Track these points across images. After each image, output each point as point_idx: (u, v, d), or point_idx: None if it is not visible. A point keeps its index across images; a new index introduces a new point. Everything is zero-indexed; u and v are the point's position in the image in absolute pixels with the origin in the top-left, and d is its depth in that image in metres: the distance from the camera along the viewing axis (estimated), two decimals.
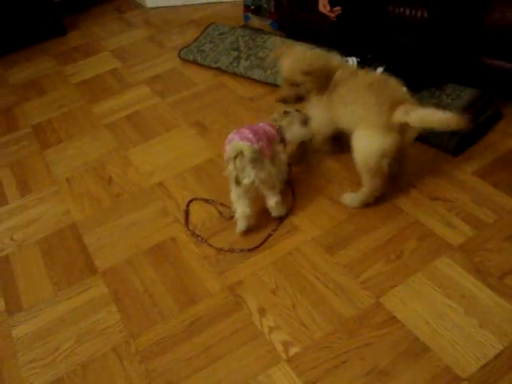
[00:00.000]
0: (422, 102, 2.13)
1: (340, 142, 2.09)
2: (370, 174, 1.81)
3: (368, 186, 1.86)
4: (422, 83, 2.31)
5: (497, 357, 1.41)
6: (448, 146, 2.12)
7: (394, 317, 1.55)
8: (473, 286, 1.60)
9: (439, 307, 1.55)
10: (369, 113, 1.75)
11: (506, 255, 1.68)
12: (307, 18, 2.93)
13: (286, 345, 1.53)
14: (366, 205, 1.91)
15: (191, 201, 2.07)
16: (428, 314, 1.54)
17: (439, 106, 2.20)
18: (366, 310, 1.58)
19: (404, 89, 1.84)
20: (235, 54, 2.93)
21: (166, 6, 3.96)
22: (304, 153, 2.17)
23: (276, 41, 2.92)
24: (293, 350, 1.52)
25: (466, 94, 2.26)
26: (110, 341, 1.64)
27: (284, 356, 1.50)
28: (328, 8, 2.52)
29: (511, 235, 1.75)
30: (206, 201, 2.05)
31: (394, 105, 1.71)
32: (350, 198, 1.93)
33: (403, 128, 1.73)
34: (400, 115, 1.69)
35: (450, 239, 1.76)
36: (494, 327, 1.48)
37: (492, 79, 2.31)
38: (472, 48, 2.27)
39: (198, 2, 3.89)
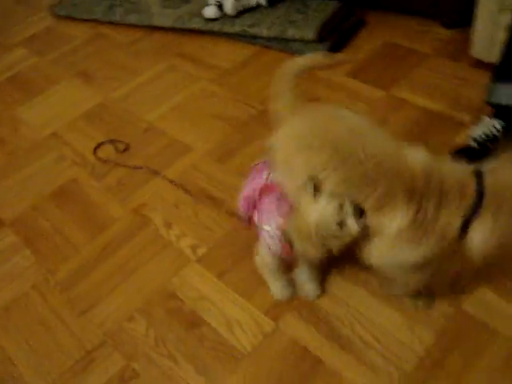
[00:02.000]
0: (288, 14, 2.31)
1: None
2: None
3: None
4: None
5: None
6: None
7: None
8: None
9: None
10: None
11: None
12: None
13: (194, 247, 1.67)
14: None
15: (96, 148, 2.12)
16: None
17: (306, 18, 2.36)
18: None
19: None
20: (108, 2, 2.93)
21: None
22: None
23: None
24: (200, 251, 1.65)
25: (329, 6, 2.43)
26: (28, 281, 1.70)
27: (193, 257, 1.64)
28: None
29: (382, 119, 1.96)
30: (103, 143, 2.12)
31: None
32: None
33: None
34: None
35: None
36: None
37: None
38: None
39: None
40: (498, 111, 1.70)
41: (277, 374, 1.34)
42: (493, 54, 1.85)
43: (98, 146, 2.10)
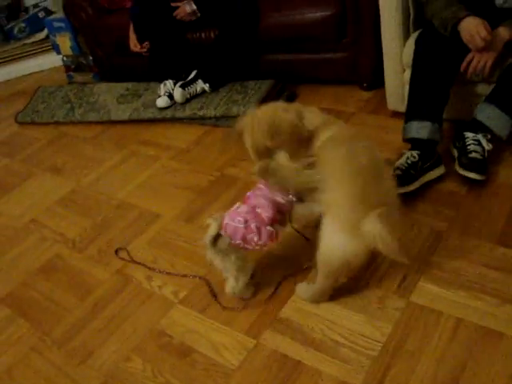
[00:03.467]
0: (230, 95, 2.68)
1: None
2: (325, 273, 1.59)
3: (321, 283, 1.64)
4: (224, 80, 2.95)
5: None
6: None
7: None
8: None
9: None
10: (343, 203, 1.43)
11: None
12: (123, 61, 3.37)
13: (175, 292, 1.88)
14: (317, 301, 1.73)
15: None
16: None
17: (246, 96, 2.74)
18: None
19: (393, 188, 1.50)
20: (68, 105, 3.27)
21: None
22: None
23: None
24: (181, 295, 1.87)
25: (264, 85, 2.84)
26: (26, 344, 1.84)
27: (176, 300, 1.85)
28: (138, 46, 2.99)
29: None
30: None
31: (375, 206, 1.35)
32: (303, 290, 1.74)
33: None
34: (370, 222, 1.34)
35: None
36: None
37: (280, 69, 2.92)
38: (255, 49, 2.88)
39: (19, 75, 4.16)
40: (413, 144, 2.06)
41: (265, 379, 1.54)
42: (404, 104, 2.24)
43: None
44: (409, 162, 2.00)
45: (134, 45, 3.02)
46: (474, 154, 1.98)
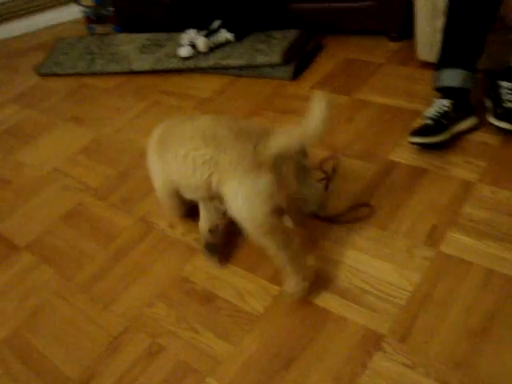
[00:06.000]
0: (254, 45, 2.62)
1: None
2: (264, 240, 1.44)
3: (281, 259, 1.47)
4: (248, 29, 2.88)
5: (357, 196, 1.85)
6: (286, 74, 2.59)
7: None
8: None
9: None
10: (231, 158, 1.37)
11: (348, 133, 2.15)
12: (145, 11, 3.30)
13: (199, 240, 1.85)
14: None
15: None
16: None
17: (270, 46, 2.67)
18: None
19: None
20: (89, 56, 3.21)
21: (7, 38, 4.12)
22: None
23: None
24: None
25: (290, 34, 2.75)
26: (49, 290, 1.85)
27: (199, 247, 1.83)
28: None
29: (349, 118, 2.22)
30: None
31: (258, 139, 1.38)
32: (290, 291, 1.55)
33: (277, 163, 1.38)
34: (276, 144, 1.35)
35: None
36: (352, 178, 1.92)
37: (306, 19, 2.83)
38: None
39: (39, 27, 4.11)
40: (445, 93, 1.98)
41: (290, 326, 1.52)
42: (435, 54, 2.15)
43: None
44: (440, 111, 1.92)
45: None
46: (509, 104, 1.90)
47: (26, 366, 1.61)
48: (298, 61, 2.64)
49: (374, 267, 1.62)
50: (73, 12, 4.03)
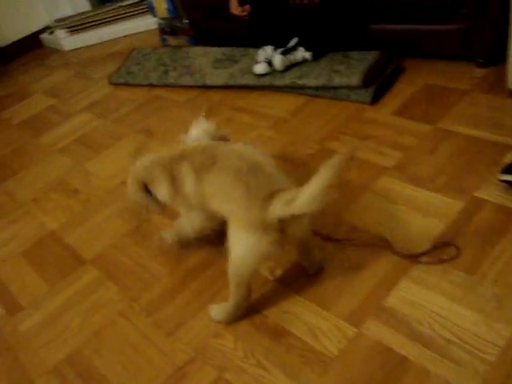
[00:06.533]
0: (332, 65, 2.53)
1: None
2: (235, 282, 1.55)
3: (234, 295, 1.58)
4: (326, 49, 2.77)
5: (441, 235, 1.73)
6: (365, 97, 2.48)
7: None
8: (412, 191, 1.93)
9: (390, 211, 1.86)
10: (237, 208, 1.45)
11: (430, 164, 2.03)
12: (220, 25, 3.27)
13: (270, 270, 1.78)
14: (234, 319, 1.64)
15: None
16: (383, 217, 1.84)
17: (349, 67, 2.58)
18: None
19: (281, 175, 1.50)
20: (162, 68, 3.21)
21: (82, 47, 4.20)
22: None
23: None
24: (277, 272, 1.76)
25: (370, 56, 2.64)
26: (114, 309, 1.81)
27: (271, 278, 1.75)
28: (239, 9, 2.87)
29: (432, 149, 2.10)
30: None
31: (269, 196, 1.39)
32: (214, 311, 1.66)
33: (286, 223, 1.40)
34: (279, 208, 1.36)
35: (385, 163, 2.09)
36: (435, 214, 1.80)
37: (388, 41, 2.72)
38: (361, 17, 2.70)
39: (113, 37, 4.16)
40: None
41: (366, 373, 1.41)
42: None
43: None
44: None
45: (234, 8, 2.90)
46: None
47: None
48: (379, 84, 2.53)
49: (459, 315, 1.49)
50: (149, 23, 4.06)
